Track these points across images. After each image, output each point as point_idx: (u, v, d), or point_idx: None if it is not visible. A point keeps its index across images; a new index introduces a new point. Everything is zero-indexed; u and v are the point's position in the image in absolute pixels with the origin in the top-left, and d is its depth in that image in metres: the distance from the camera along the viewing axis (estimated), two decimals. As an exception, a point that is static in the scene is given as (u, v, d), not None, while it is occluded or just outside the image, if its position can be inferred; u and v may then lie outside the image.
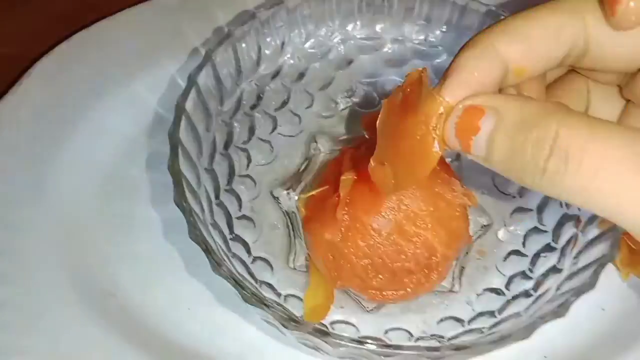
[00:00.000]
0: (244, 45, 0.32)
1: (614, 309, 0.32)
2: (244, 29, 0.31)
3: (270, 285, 0.30)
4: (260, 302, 0.24)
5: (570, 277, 0.26)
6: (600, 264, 0.25)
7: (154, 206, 0.33)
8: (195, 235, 0.25)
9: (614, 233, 0.25)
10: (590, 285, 0.24)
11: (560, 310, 0.24)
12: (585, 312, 0.32)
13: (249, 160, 0.34)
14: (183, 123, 0.28)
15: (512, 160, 0.17)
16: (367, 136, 0.35)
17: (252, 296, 0.24)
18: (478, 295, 0.30)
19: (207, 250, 0.24)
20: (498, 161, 0.18)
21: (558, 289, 0.26)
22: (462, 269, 0.31)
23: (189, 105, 0.28)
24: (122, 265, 0.32)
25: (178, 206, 0.26)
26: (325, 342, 0.23)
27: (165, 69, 0.36)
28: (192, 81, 0.29)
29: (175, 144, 0.27)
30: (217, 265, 0.24)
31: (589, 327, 0.31)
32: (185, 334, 0.30)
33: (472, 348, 0.23)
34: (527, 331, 0.24)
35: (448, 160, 0.34)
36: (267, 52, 0.34)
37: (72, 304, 0.30)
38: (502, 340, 0.23)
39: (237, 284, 0.24)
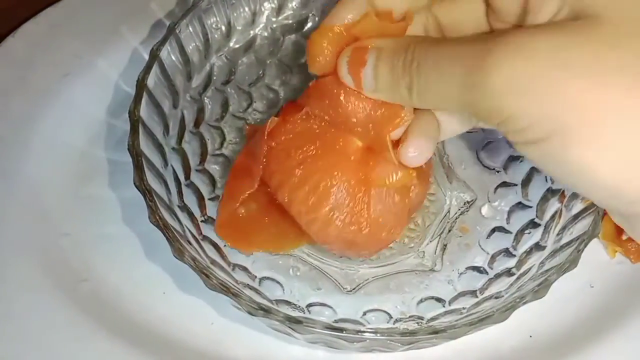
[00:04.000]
0: (211, 17, 0.30)
1: (603, 286, 0.31)
2: (210, -1, 0.30)
3: (244, 268, 0.29)
4: (225, 289, 0.23)
5: (553, 254, 0.25)
6: (582, 241, 0.24)
7: (124, 188, 0.32)
8: (155, 219, 0.24)
9: (597, 208, 0.24)
10: (572, 263, 0.23)
11: (540, 290, 0.23)
12: (573, 290, 0.31)
13: (223, 138, 0.33)
14: (144, 100, 0.26)
15: (393, 86, 0.21)
16: None
17: (217, 284, 0.23)
18: (460, 273, 0.29)
19: (168, 236, 0.23)
20: (383, 89, 0.21)
21: (540, 267, 0.25)
22: (445, 246, 0.30)
23: (150, 81, 0.27)
24: (93, 249, 0.31)
25: (138, 189, 0.24)
26: (293, 329, 0.22)
27: (129, 42, 0.34)
28: (154, 56, 0.27)
29: (135, 122, 0.25)
30: (179, 252, 0.23)
31: (577, 304, 0.31)
32: (159, 318, 0.30)
33: (448, 332, 0.22)
34: (504, 314, 0.23)
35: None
36: (237, 24, 0.32)
37: (43, 289, 0.30)
38: (478, 323, 0.22)
39: (201, 271, 0.23)
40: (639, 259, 0.31)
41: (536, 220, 0.29)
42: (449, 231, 0.31)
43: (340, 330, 0.22)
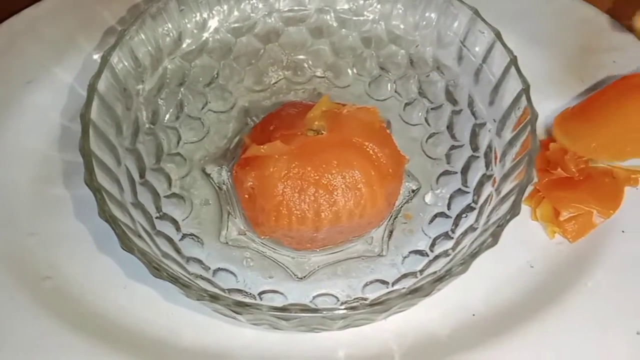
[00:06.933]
0: (161, 21, 0.32)
1: (542, 265, 0.33)
2: (159, 5, 0.31)
3: (198, 261, 0.30)
4: (173, 279, 0.24)
5: (482, 233, 0.27)
6: (503, 218, 0.25)
7: (85, 188, 0.33)
8: (104, 215, 0.25)
9: (519, 190, 0.26)
10: (494, 239, 0.25)
11: (463, 266, 0.24)
12: (515, 270, 0.33)
13: (179, 138, 0.34)
14: (96, 104, 0.28)
15: None
16: None
17: (165, 275, 0.25)
18: (404, 257, 0.31)
19: (116, 231, 0.25)
20: None
21: (470, 246, 0.27)
22: (391, 233, 0.32)
23: (101, 85, 0.28)
24: (57, 247, 0.32)
25: (88, 186, 0.26)
26: (237, 312, 0.24)
27: (85, 51, 0.36)
28: (104, 61, 0.29)
29: (85, 125, 0.27)
30: (127, 245, 0.24)
31: (518, 283, 0.32)
32: (120, 311, 0.31)
33: (377, 307, 0.24)
34: (432, 286, 0.24)
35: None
36: (188, 28, 0.33)
37: (7, 288, 0.31)
38: (409, 295, 0.24)
39: (149, 263, 0.25)
40: (576, 239, 0.33)
41: (472, 204, 0.30)
42: (395, 218, 0.32)
43: (281, 310, 0.23)
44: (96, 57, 0.36)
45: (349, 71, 0.37)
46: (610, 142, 0.31)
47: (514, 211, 0.25)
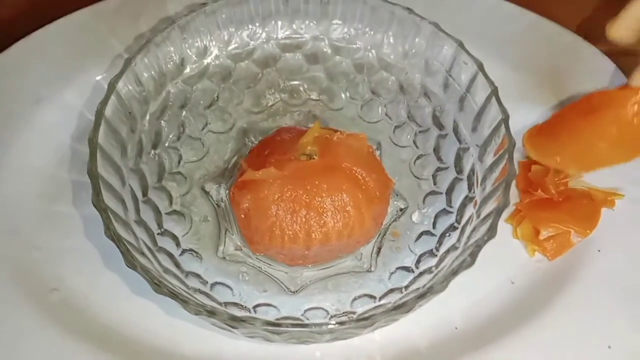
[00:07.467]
0: (164, 49, 0.34)
1: (523, 282, 0.35)
2: (164, 34, 0.33)
3: (197, 275, 0.32)
4: (174, 295, 0.26)
5: (462, 253, 0.29)
6: (481, 240, 0.27)
7: (88, 206, 0.35)
8: (110, 234, 0.27)
9: (497, 212, 0.28)
10: (472, 259, 0.27)
11: (442, 285, 0.26)
12: (496, 286, 0.34)
13: (180, 157, 0.36)
14: (102, 128, 0.29)
15: None
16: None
17: (166, 291, 0.26)
18: (391, 273, 0.33)
19: (121, 249, 0.27)
20: None
21: (451, 265, 0.29)
22: (379, 249, 0.34)
23: (108, 110, 0.30)
24: (62, 261, 0.34)
25: (95, 206, 0.28)
26: (233, 326, 0.26)
27: (92, 75, 0.38)
28: (111, 87, 0.31)
29: (93, 149, 0.29)
30: (130, 262, 0.26)
31: (500, 299, 0.34)
32: (122, 321, 0.33)
33: (361, 322, 0.26)
34: (415, 302, 0.26)
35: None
36: (190, 54, 0.35)
37: (16, 298, 0.33)
38: (394, 311, 0.26)
39: (151, 280, 0.26)
40: (555, 257, 0.35)
41: (455, 224, 0.32)
42: (384, 236, 0.34)
43: (273, 324, 0.25)
44: (99, 78, 0.38)
45: (343, 95, 0.39)
46: (577, 157, 0.34)
47: (490, 233, 0.27)
